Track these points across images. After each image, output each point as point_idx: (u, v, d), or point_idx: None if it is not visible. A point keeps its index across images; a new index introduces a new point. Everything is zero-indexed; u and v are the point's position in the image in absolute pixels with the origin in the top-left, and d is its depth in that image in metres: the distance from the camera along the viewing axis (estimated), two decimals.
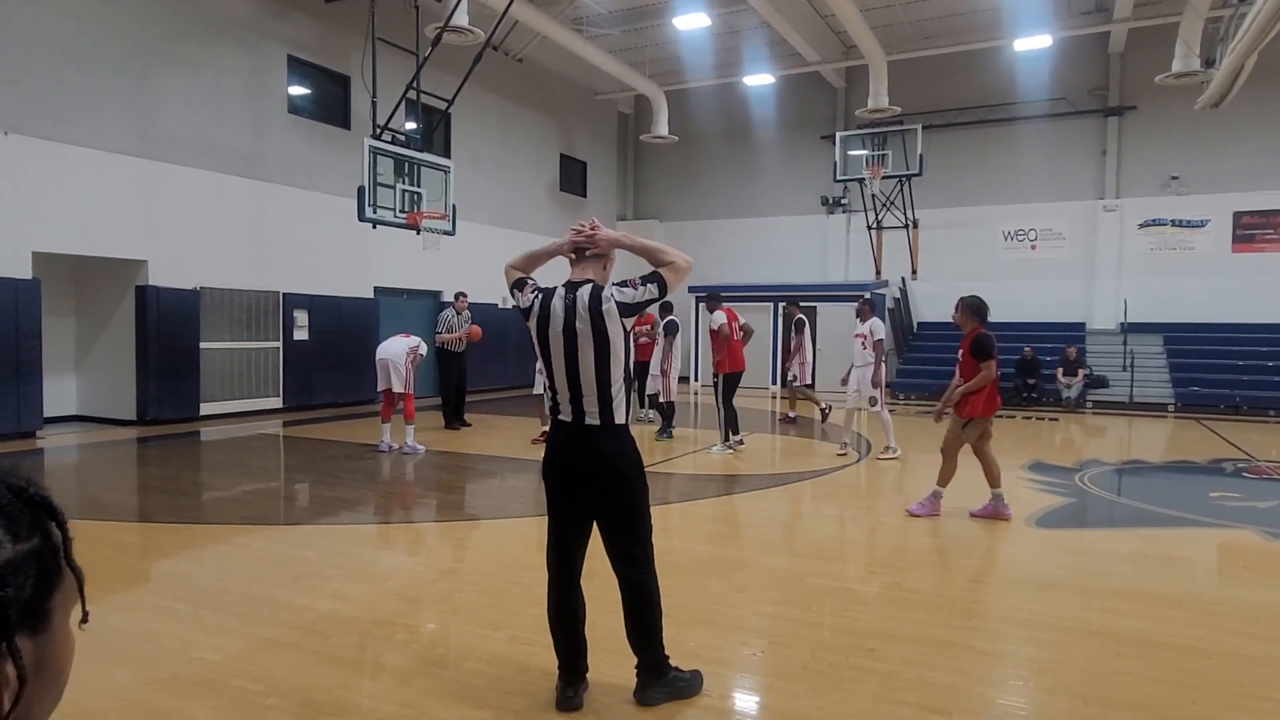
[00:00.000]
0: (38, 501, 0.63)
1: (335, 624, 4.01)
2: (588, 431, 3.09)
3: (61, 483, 8.19)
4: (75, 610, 0.66)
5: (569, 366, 3.09)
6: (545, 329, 3.16)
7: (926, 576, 4.98)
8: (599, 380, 3.07)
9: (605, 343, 3.07)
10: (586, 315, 3.08)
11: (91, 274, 11.30)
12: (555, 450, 3.19)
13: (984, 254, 18.82)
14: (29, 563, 0.59)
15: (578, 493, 3.15)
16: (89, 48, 10.28)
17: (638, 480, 3.17)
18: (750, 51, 18.16)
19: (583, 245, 3.31)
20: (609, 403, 3.09)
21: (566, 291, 3.18)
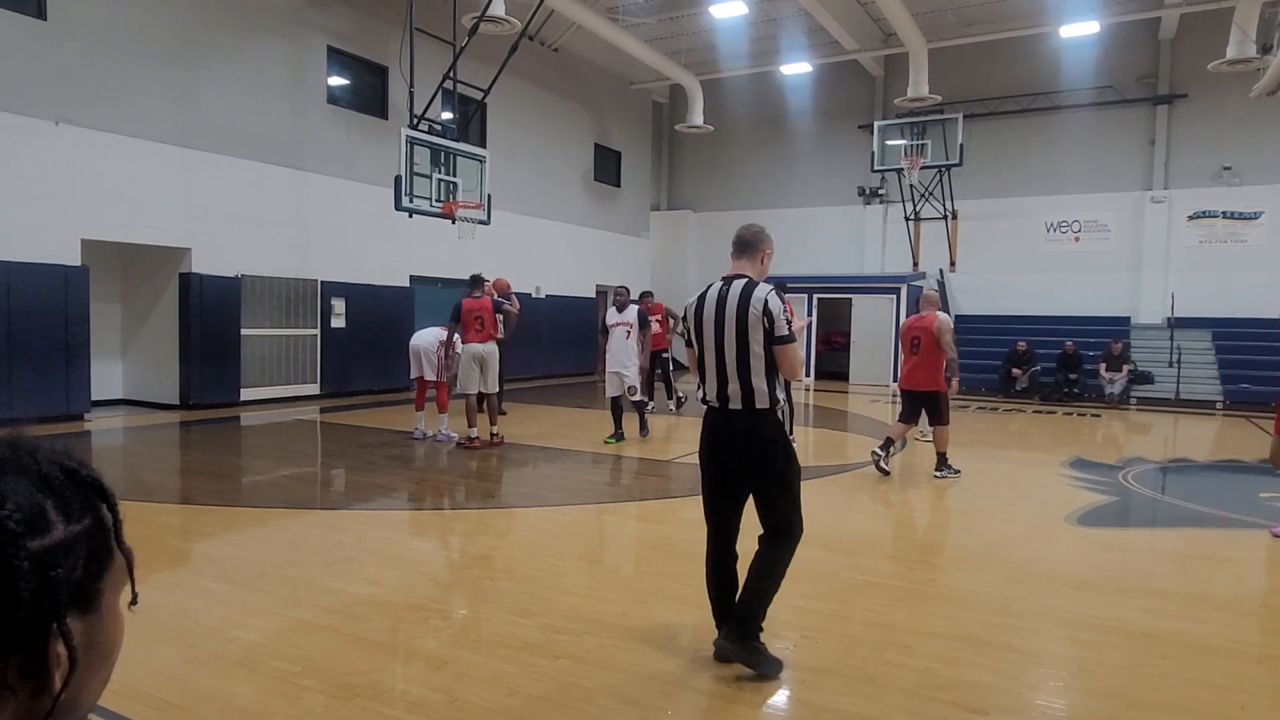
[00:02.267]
0: (89, 483, 0.63)
1: (370, 607, 4.06)
2: (734, 415, 3.34)
3: (107, 464, 8.40)
4: (125, 591, 0.66)
5: (718, 355, 3.35)
6: (700, 318, 3.43)
7: (963, 573, 4.91)
8: (740, 368, 3.31)
9: (746, 341, 3.30)
10: (734, 310, 3.31)
11: (137, 261, 11.55)
12: (707, 433, 3.47)
13: (1025, 246, 18.46)
14: (80, 544, 0.60)
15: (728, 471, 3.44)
16: (137, 39, 10.48)
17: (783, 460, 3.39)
18: (787, 40, 17.96)
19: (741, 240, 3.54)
20: (750, 390, 3.32)
21: (723, 285, 3.42)
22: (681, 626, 3.90)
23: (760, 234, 3.53)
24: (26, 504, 0.57)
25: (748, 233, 3.53)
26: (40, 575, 0.55)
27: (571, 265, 18.19)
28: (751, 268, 3.48)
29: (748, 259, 3.49)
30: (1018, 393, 15.57)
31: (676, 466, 8.25)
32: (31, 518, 0.56)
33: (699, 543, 5.44)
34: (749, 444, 3.33)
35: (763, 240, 3.52)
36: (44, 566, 0.56)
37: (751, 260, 3.49)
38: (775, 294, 3.31)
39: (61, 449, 0.65)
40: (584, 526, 6.03)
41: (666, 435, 10.58)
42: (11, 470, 0.58)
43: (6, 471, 0.58)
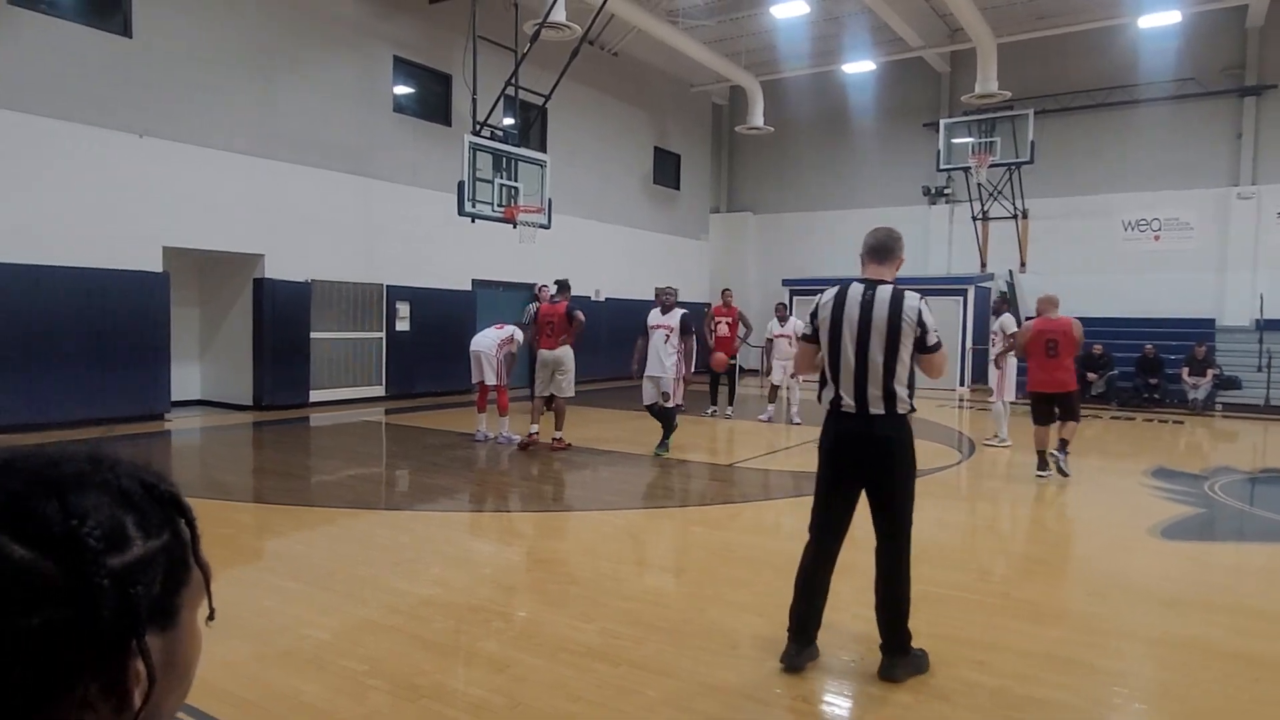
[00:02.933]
0: (168, 498, 0.62)
1: (435, 609, 4.10)
2: (871, 420, 3.34)
3: (186, 463, 8.73)
4: (202, 606, 0.65)
5: (859, 360, 3.33)
6: (838, 321, 3.38)
7: (1039, 586, 4.72)
8: (885, 374, 3.31)
9: (895, 348, 3.32)
10: (884, 317, 3.31)
11: (214, 267, 11.98)
12: (836, 437, 3.44)
13: (1101, 245, 17.77)
14: (159, 560, 0.59)
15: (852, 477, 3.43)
16: (216, 54, 10.89)
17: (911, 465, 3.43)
18: (850, 38, 17.67)
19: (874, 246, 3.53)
20: (891, 395, 3.33)
21: (865, 288, 3.39)
22: (742, 634, 3.84)
23: (899, 240, 3.52)
24: (107, 520, 0.56)
25: (887, 238, 3.50)
26: (120, 593, 0.54)
27: (631, 268, 18.22)
28: (889, 272, 3.47)
29: (887, 264, 3.47)
30: (1094, 398, 14.97)
31: (739, 471, 8.17)
32: (112, 534, 0.56)
33: (761, 549, 5.38)
34: (886, 449, 3.34)
35: (900, 246, 3.51)
36: (124, 584, 0.55)
37: (889, 265, 3.48)
38: (925, 304, 3.37)
39: (141, 463, 0.64)
40: (644, 530, 6.01)
41: (729, 439, 10.50)
42: (92, 486, 0.58)
43: (87, 487, 0.57)
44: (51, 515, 0.54)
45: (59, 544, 0.53)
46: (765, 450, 9.32)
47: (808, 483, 7.58)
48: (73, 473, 0.58)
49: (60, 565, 0.53)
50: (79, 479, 0.58)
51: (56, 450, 0.60)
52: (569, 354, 8.86)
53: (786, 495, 7.30)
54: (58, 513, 0.54)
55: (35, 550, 0.52)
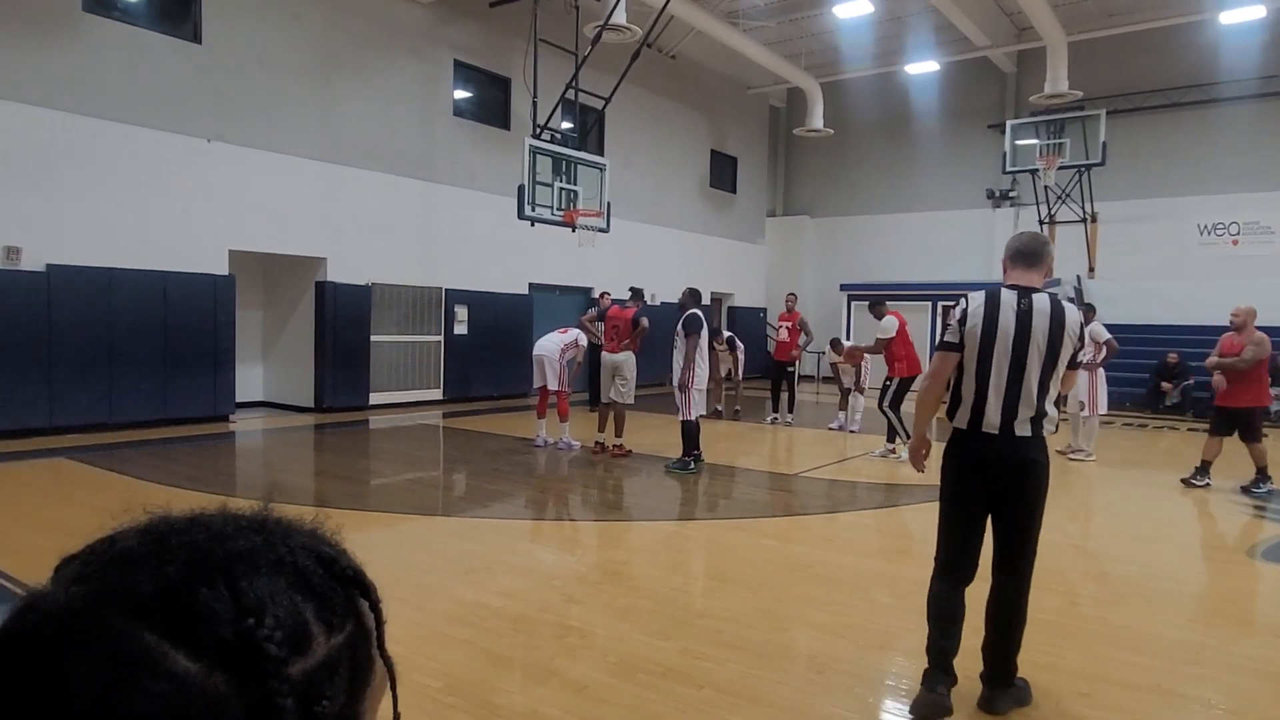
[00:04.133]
0: (350, 577, 0.51)
1: (506, 621, 4.01)
2: (1017, 442, 3.09)
3: (250, 465, 8.84)
4: (383, 707, 0.53)
5: (1014, 375, 3.07)
6: (991, 333, 3.10)
7: (1135, 611, 4.44)
8: (1039, 392, 3.07)
9: (1055, 364, 3.09)
10: (1045, 329, 3.06)
11: (279, 270, 12.17)
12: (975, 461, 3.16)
13: (1174, 250, 17.04)
14: (343, 659, 0.47)
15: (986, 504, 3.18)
16: (283, 60, 11.06)
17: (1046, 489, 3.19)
18: (913, 38, 17.27)
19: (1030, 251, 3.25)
20: (1041, 415, 3.10)
21: (1020, 297, 3.11)
22: (828, 658, 3.66)
23: (1049, 245, 3.29)
24: (287, 615, 0.44)
25: (1036, 243, 3.23)
26: (304, 711, 0.42)
27: (687, 272, 18.00)
28: (1039, 279, 3.20)
29: (1036, 270, 3.19)
30: (1168, 408, 14.37)
31: (803, 481, 7.95)
32: (293, 634, 0.44)
33: (839, 566, 5.19)
34: (1031, 474, 3.09)
35: (1050, 252, 3.26)
36: (308, 699, 0.43)
37: (1039, 271, 3.20)
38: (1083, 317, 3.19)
39: (310, 528, 0.52)
40: (714, 542, 5.85)
41: (791, 447, 10.29)
42: (266, 567, 0.46)
43: (260, 569, 0.45)
44: (222, 612, 0.42)
45: (233, 652, 0.41)
46: (829, 460, 9.08)
47: (876, 494, 7.40)
48: (242, 550, 0.45)
49: (236, 681, 0.40)
50: (250, 558, 0.45)
51: (219, 518, 0.47)
52: (631, 360, 8.75)
53: (856, 508, 7.08)
54: (229, 608, 0.42)
55: (204, 662, 0.40)
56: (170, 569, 0.43)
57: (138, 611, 0.40)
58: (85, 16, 9.30)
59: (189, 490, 6.73)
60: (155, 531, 0.45)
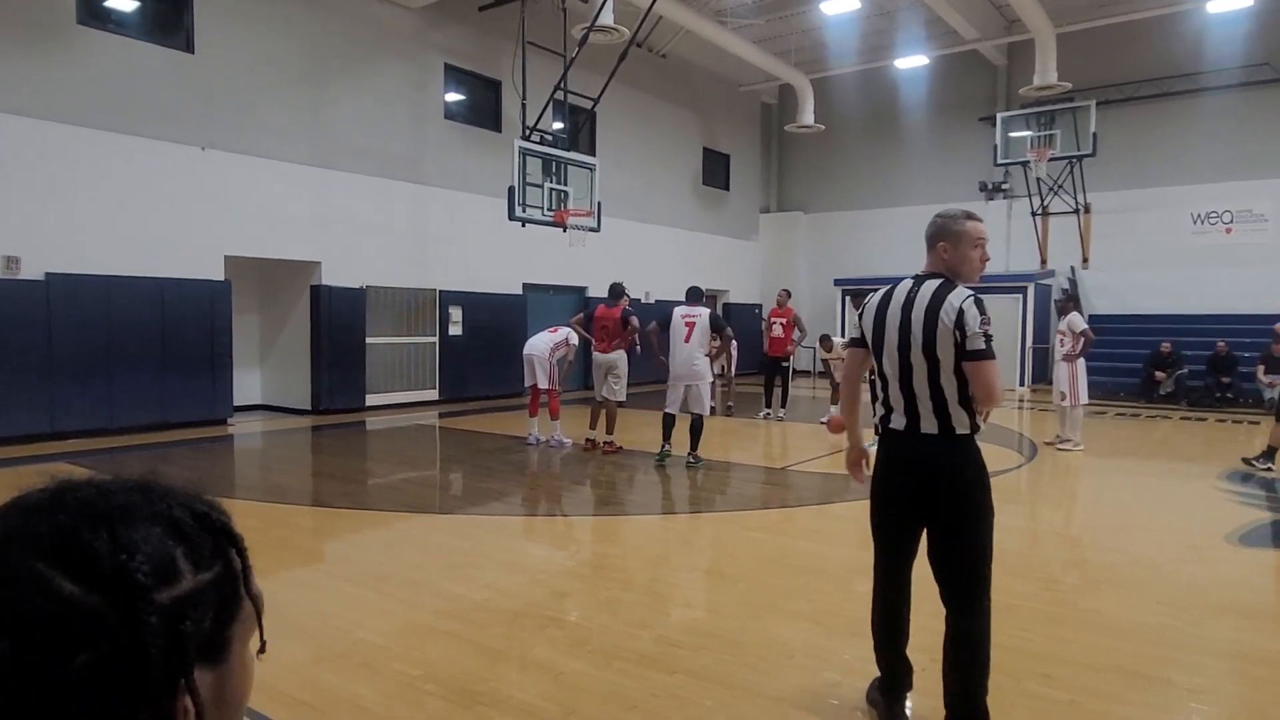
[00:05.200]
0: (220, 528, 0.62)
1: (489, 614, 4.11)
2: (922, 441, 2.82)
3: (248, 467, 8.96)
4: (253, 638, 0.64)
5: (902, 370, 2.84)
6: (881, 324, 2.91)
7: (1108, 596, 4.53)
8: (932, 386, 2.78)
9: (934, 356, 2.76)
10: (922, 315, 2.78)
11: (274, 275, 12.29)
12: (885, 461, 2.97)
13: (1168, 239, 17.11)
14: (209, 593, 0.58)
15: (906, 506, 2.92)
16: (274, 67, 11.17)
17: (978, 500, 2.82)
18: (902, 32, 17.35)
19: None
20: (945, 416, 2.78)
21: (913, 284, 2.88)
22: (798, 643, 3.76)
23: (940, 222, 2.91)
24: (157, 553, 0.55)
25: (932, 223, 2.94)
26: (170, 630, 0.53)
27: (681, 270, 18.13)
28: (940, 262, 2.89)
29: (933, 252, 2.90)
30: (1161, 397, 14.44)
31: (794, 475, 8.06)
32: (161, 568, 0.55)
33: (820, 557, 5.29)
34: (940, 478, 2.81)
35: (940, 227, 2.89)
36: (173, 620, 0.54)
37: (936, 252, 2.89)
38: (975, 300, 2.74)
39: (193, 491, 0.63)
40: (699, 536, 5.95)
41: (783, 442, 10.40)
42: (143, 517, 0.57)
43: (137, 518, 0.56)
44: (100, 549, 0.53)
45: (108, 579, 0.52)
46: (820, 453, 9.18)
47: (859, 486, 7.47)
48: (123, 504, 0.56)
49: (109, 601, 0.52)
50: (129, 510, 0.56)
51: (108, 479, 0.59)
52: (622, 358, 8.87)
53: (841, 499, 7.17)
54: (107, 546, 0.53)
55: (84, 586, 0.51)
56: (62, 517, 0.54)
57: (33, 548, 0.52)
58: (79, 28, 9.41)
59: None
60: (55, 489, 0.57)
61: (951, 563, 2.83)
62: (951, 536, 2.82)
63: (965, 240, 2.87)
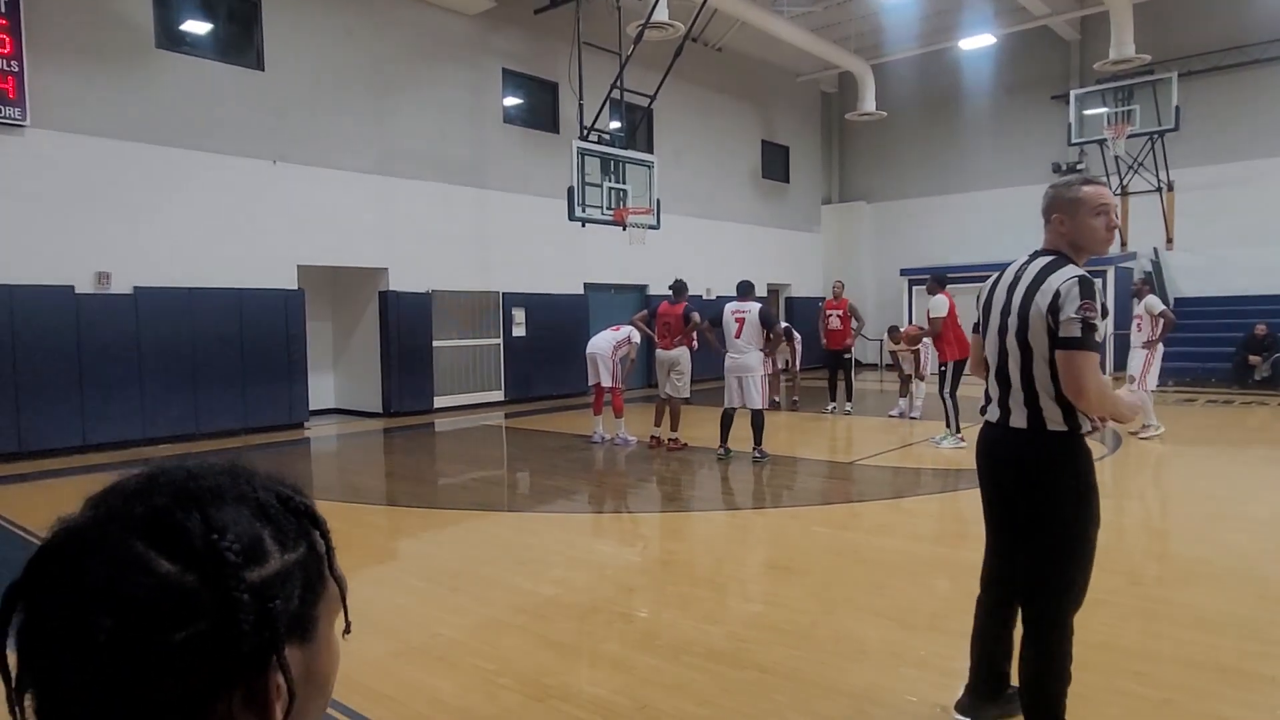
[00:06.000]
0: (303, 510, 0.63)
1: (558, 609, 4.15)
2: (1010, 435, 2.62)
3: (325, 469, 9.25)
4: (338, 619, 0.66)
5: (1000, 356, 2.65)
6: (988, 306, 2.75)
7: (1203, 590, 4.31)
8: (1024, 376, 2.57)
9: (1026, 340, 2.54)
10: (1020, 297, 2.57)
11: (344, 282, 12.65)
12: (980, 454, 2.80)
13: (1260, 216, 16.18)
14: (296, 572, 0.60)
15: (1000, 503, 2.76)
16: (340, 80, 11.50)
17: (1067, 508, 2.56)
18: (967, 12, 16.83)
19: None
20: (1034, 405, 2.55)
21: (1025, 262, 2.66)
22: (871, 638, 3.68)
23: (1054, 192, 2.64)
24: (245, 534, 0.57)
25: (1045, 195, 2.68)
26: (260, 607, 0.55)
27: (743, 265, 17.96)
28: (1052, 239, 2.64)
29: (1048, 227, 2.65)
30: (1257, 383, 13.70)
31: (861, 469, 7.91)
32: (250, 548, 0.57)
33: (889, 550, 5.17)
34: (1020, 472, 2.62)
35: (1055, 196, 2.62)
36: (263, 598, 0.56)
37: (1051, 227, 2.64)
38: (1080, 280, 2.44)
39: (276, 474, 0.65)
40: (766, 530, 5.89)
41: (849, 436, 10.22)
42: (231, 499, 0.59)
43: (225, 501, 0.58)
44: (193, 529, 0.55)
45: (201, 558, 0.54)
46: (889, 447, 8.99)
47: (937, 480, 7.31)
48: (212, 486, 0.59)
49: (203, 579, 0.54)
50: (218, 492, 0.59)
51: (197, 464, 0.62)
52: (685, 355, 8.85)
53: (917, 494, 7.01)
54: (199, 527, 0.55)
55: (180, 565, 0.54)
56: (157, 499, 0.57)
57: (132, 528, 0.55)
58: (157, 52, 9.85)
59: None
60: (150, 474, 0.60)
61: (1029, 564, 2.61)
62: (1032, 539, 2.60)
63: (1083, 208, 2.56)
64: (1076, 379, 2.42)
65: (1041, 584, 2.59)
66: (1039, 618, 2.60)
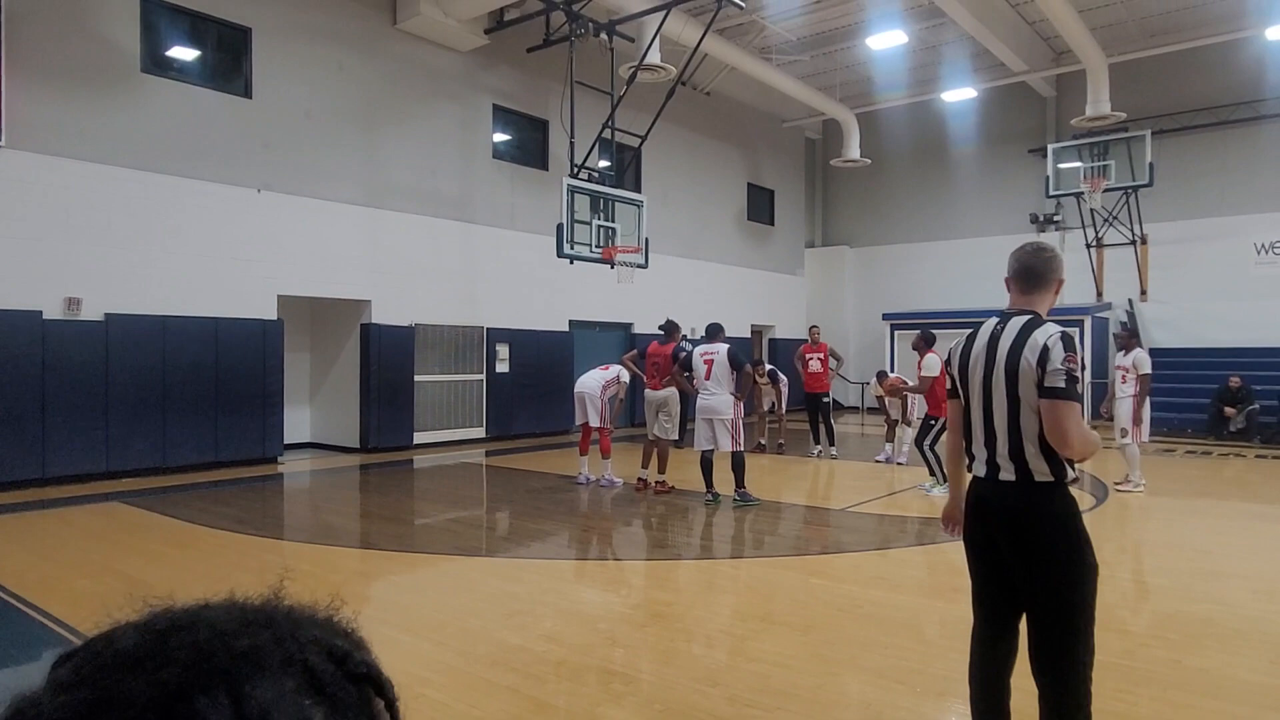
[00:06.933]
0: (364, 675, 0.48)
1: (550, 667, 3.93)
2: (1001, 488, 2.66)
3: (297, 507, 8.94)
4: None
5: (984, 410, 2.70)
6: (966, 365, 2.80)
7: (1215, 653, 4.19)
8: (1010, 426, 2.63)
9: (1016, 395, 2.62)
10: (1007, 352, 2.64)
11: (325, 313, 12.42)
12: (969, 509, 2.81)
13: (1229, 270, 16.54)
14: None
15: (991, 557, 2.74)
16: (329, 111, 11.40)
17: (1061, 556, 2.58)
18: (949, 66, 17.21)
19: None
20: (1021, 457, 2.62)
21: (998, 322, 2.75)
22: (884, 704, 3.52)
23: (1053, 261, 2.77)
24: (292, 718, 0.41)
25: (1036, 259, 2.76)
26: None
27: (726, 306, 18.02)
28: (1044, 303, 2.76)
29: (1038, 293, 2.76)
30: (1232, 434, 13.82)
31: (851, 516, 7.77)
32: None
33: (888, 605, 5.02)
34: (1019, 525, 2.62)
35: (1054, 268, 2.77)
36: None
37: (1043, 294, 2.76)
38: (1062, 336, 2.58)
39: (326, 618, 0.49)
40: (760, 582, 5.71)
41: (837, 481, 10.10)
42: (273, 665, 0.42)
43: (266, 669, 0.42)
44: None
45: None
46: (876, 494, 8.88)
47: (926, 529, 7.18)
48: (247, 650, 0.42)
49: None
50: (255, 657, 0.42)
51: (223, 609, 0.45)
52: (674, 395, 8.72)
53: (906, 544, 6.88)
54: (226, 714, 0.39)
55: None
56: (167, 673, 0.40)
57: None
58: (143, 76, 9.70)
59: (237, 533, 6.81)
60: (155, 629, 0.43)
61: (1041, 628, 2.60)
62: (1030, 594, 2.62)
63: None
64: (1061, 425, 2.52)
65: (1051, 639, 2.57)
66: (1050, 674, 2.58)
